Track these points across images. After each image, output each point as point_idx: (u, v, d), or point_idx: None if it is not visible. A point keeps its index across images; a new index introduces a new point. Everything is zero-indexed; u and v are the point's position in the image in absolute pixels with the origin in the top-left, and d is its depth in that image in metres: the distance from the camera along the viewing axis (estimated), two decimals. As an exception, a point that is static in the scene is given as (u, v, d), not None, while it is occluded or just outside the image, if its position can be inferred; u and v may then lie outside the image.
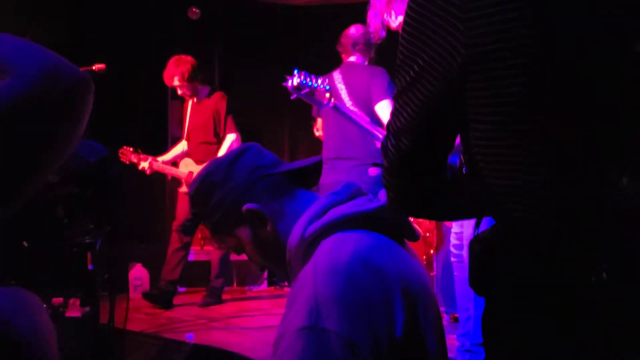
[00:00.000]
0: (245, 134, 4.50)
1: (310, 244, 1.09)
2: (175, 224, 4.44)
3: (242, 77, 5.93)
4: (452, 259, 2.92)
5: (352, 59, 3.71)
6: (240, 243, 1.23)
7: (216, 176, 1.20)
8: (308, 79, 2.76)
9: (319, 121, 3.98)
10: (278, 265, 1.21)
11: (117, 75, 4.12)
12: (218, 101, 4.45)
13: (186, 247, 4.45)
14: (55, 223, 1.67)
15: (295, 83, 2.72)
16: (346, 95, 3.53)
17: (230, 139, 4.39)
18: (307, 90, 2.77)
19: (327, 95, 2.90)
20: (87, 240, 1.63)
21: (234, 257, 4.77)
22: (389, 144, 0.90)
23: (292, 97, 2.83)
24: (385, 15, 2.67)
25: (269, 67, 5.75)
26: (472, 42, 0.75)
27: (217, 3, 5.81)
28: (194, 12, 5.57)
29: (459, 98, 0.80)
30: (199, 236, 5.26)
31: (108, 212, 1.47)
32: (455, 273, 2.92)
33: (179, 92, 4.48)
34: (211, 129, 4.43)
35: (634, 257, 0.69)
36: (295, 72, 2.74)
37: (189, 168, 4.47)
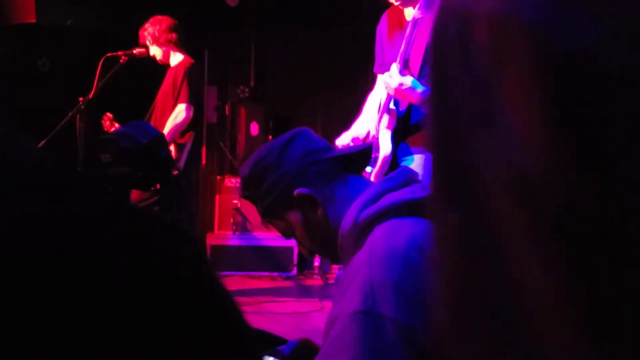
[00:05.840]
0: (280, 121, 4.48)
1: (363, 229, 1.08)
2: None
3: (278, 64, 5.94)
4: None
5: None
6: (290, 227, 1.23)
7: (268, 160, 1.21)
8: None
9: None
10: (327, 250, 1.22)
11: (153, 61, 4.18)
12: (178, 68, 3.96)
13: None
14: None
15: None
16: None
17: (178, 109, 3.85)
18: None
19: None
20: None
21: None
22: None
23: None
24: None
25: (304, 55, 5.75)
26: None
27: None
28: (232, -2, 5.58)
29: None
30: (230, 221, 5.27)
31: (161, 194, 1.48)
32: None
33: (150, 53, 4.04)
34: (170, 99, 3.93)
35: None
36: None
37: None
